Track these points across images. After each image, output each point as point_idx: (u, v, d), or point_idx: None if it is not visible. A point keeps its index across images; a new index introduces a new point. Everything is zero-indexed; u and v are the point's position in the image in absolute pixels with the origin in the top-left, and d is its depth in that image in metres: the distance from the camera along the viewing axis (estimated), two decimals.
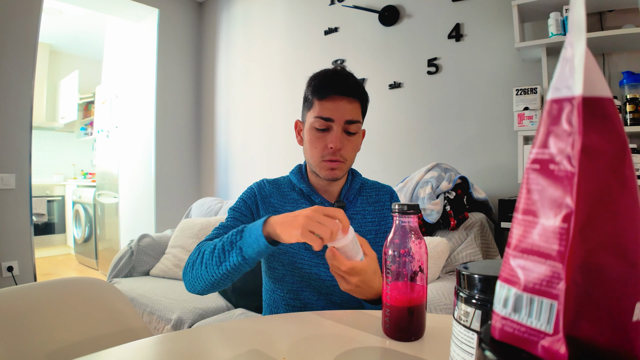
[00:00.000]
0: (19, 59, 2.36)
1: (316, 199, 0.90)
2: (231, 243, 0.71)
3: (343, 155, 0.86)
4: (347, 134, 0.86)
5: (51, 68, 4.90)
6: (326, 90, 0.84)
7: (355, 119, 0.85)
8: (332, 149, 0.84)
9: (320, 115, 0.84)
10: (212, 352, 0.56)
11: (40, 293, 0.72)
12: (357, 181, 0.96)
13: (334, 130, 0.84)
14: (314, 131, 0.86)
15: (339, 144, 0.83)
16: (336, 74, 0.86)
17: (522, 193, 0.22)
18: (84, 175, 5.17)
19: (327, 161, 0.86)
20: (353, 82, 0.86)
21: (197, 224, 2.20)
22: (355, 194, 0.94)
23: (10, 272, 2.34)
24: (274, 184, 0.95)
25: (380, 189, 0.98)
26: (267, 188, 0.93)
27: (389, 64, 2.27)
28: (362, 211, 0.92)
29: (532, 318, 0.21)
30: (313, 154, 0.87)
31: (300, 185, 0.92)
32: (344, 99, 0.84)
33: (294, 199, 0.92)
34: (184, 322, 1.54)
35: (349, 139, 0.86)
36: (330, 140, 0.84)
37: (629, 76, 1.50)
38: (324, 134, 0.85)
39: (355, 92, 0.85)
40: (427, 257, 0.60)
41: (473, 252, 1.53)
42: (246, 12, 3.08)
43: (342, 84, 0.84)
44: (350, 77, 0.86)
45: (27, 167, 2.42)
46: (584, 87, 0.20)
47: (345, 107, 0.84)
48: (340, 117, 0.84)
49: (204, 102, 3.43)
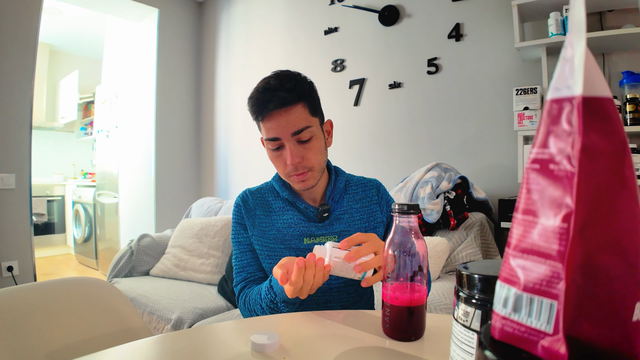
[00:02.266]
0: (19, 58, 2.36)
1: (300, 205, 0.89)
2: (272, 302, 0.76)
3: (306, 166, 0.83)
4: (301, 143, 0.82)
5: (51, 68, 4.89)
6: (261, 111, 0.80)
7: (302, 126, 0.80)
8: (292, 165, 0.82)
9: (267, 137, 0.82)
10: (212, 352, 0.56)
11: (40, 293, 0.72)
12: (341, 180, 0.93)
13: (287, 147, 0.81)
14: (270, 152, 0.85)
15: (295, 159, 0.81)
16: (266, 90, 0.80)
17: (522, 193, 0.22)
18: (84, 175, 5.17)
19: (293, 176, 0.84)
20: (285, 90, 0.79)
21: (197, 223, 2.20)
22: (340, 192, 0.92)
23: (10, 272, 2.34)
24: (257, 194, 0.93)
25: (366, 184, 0.95)
26: (250, 201, 0.92)
27: (389, 64, 2.26)
28: (349, 210, 0.90)
29: (532, 318, 0.21)
30: (279, 171, 0.87)
31: (283, 194, 0.90)
32: (281, 111, 0.79)
33: (279, 207, 0.91)
34: (184, 322, 1.54)
35: (307, 147, 0.83)
36: (286, 158, 0.82)
37: (629, 76, 1.50)
38: (280, 152, 0.83)
39: (290, 99, 0.79)
40: (427, 257, 0.60)
41: (473, 252, 1.53)
42: (246, 12, 3.08)
43: (272, 99, 0.78)
44: (279, 86, 0.79)
45: (27, 167, 2.42)
46: (584, 87, 0.20)
47: (286, 120, 0.79)
48: (285, 132, 0.80)
49: (203, 102, 3.43)
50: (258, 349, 0.54)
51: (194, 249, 2.09)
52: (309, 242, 0.86)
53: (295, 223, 0.88)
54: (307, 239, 0.87)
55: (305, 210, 0.89)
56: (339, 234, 0.87)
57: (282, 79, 0.81)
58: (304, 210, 0.89)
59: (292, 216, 0.89)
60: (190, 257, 2.07)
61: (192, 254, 2.08)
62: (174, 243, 2.17)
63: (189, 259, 2.06)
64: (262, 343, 0.54)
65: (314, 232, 0.87)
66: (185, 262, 2.06)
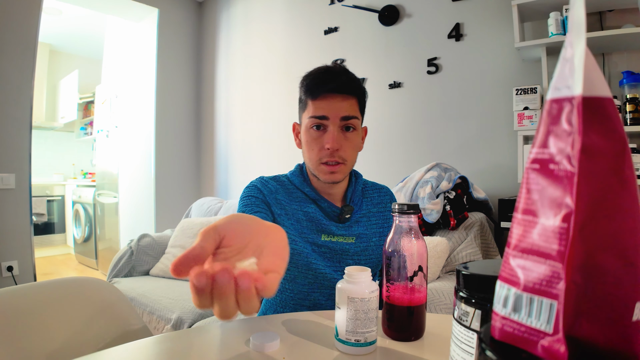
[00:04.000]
0: (19, 58, 2.36)
1: (322, 203, 0.87)
2: None
3: (342, 156, 0.82)
4: (345, 130, 0.82)
5: (51, 68, 4.89)
6: (318, 89, 0.81)
7: (351, 114, 0.82)
8: (330, 150, 0.80)
9: (314, 114, 0.81)
10: (212, 352, 0.55)
11: (40, 293, 0.71)
12: (359, 182, 0.93)
13: (330, 130, 0.81)
14: (309, 132, 0.83)
15: (335, 144, 0.80)
16: (328, 71, 0.82)
17: (522, 193, 0.22)
18: (83, 175, 5.17)
19: (324, 164, 0.82)
20: (347, 78, 0.82)
21: (197, 223, 2.20)
22: (359, 196, 0.92)
23: (10, 272, 2.34)
24: (276, 181, 0.90)
25: (381, 189, 0.96)
26: (271, 184, 0.88)
27: (389, 64, 2.26)
28: (367, 213, 0.90)
29: (532, 318, 0.21)
30: (310, 156, 0.84)
31: (304, 189, 0.88)
32: (338, 96, 0.81)
33: (300, 198, 0.88)
34: (184, 322, 1.54)
35: (347, 138, 0.83)
36: (326, 140, 0.81)
37: (629, 76, 1.50)
38: (320, 135, 0.82)
39: (349, 88, 0.81)
40: (427, 257, 0.60)
41: (473, 251, 1.53)
42: (246, 12, 3.08)
43: (334, 81, 0.80)
44: (343, 73, 0.83)
45: (27, 166, 2.42)
46: (584, 86, 0.20)
47: (339, 104, 0.81)
48: (335, 114, 0.80)
49: (203, 101, 3.43)
50: (258, 349, 0.54)
51: None
52: (327, 239, 0.85)
53: (316, 218, 0.86)
54: (325, 236, 0.85)
55: (328, 209, 0.87)
56: (356, 236, 0.87)
57: (346, 69, 0.84)
58: (326, 208, 0.87)
59: (313, 210, 0.86)
60: None
61: None
62: (174, 243, 2.17)
63: None
64: (262, 343, 0.54)
65: (334, 231, 0.86)
66: None
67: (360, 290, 0.53)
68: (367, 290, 0.53)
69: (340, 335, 0.54)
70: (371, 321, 0.53)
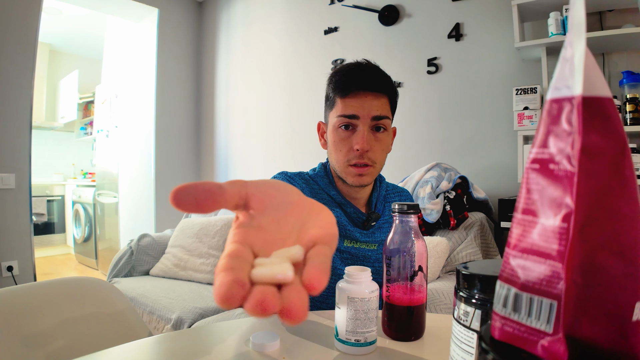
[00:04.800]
0: (19, 58, 2.36)
1: (348, 208, 0.82)
2: None
3: (371, 158, 0.77)
4: (375, 131, 0.78)
5: (51, 68, 4.89)
6: (349, 86, 0.76)
7: (383, 114, 0.77)
8: (359, 151, 0.75)
9: (344, 113, 0.76)
10: (212, 352, 0.55)
11: (40, 293, 0.71)
12: (383, 187, 0.89)
13: (360, 130, 0.76)
14: (338, 132, 0.78)
15: (366, 145, 0.75)
16: (360, 67, 0.78)
17: (521, 193, 0.22)
18: (83, 175, 5.17)
19: (353, 166, 0.77)
20: (379, 75, 0.78)
21: (196, 223, 2.20)
22: (382, 201, 0.88)
23: (10, 271, 2.34)
24: (302, 178, 0.85)
25: (401, 192, 0.92)
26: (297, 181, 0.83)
27: (389, 64, 2.26)
28: (390, 219, 0.86)
29: (532, 318, 0.21)
30: (338, 157, 0.79)
31: (330, 192, 0.83)
32: (370, 94, 0.76)
33: (325, 200, 0.82)
34: (184, 322, 1.54)
35: (378, 139, 0.78)
36: (356, 141, 0.76)
37: (629, 76, 1.50)
38: (348, 135, 0.77)
39: (382, 86, 0.77)
40: (427, 257, 0.60)
41: (473, 251, 1.53)
42: (246, 12, 3.08)
43: (366, 78, 0.76)
44: (375, 70, 0.78)
45: (26, 166, 2.42)
46: (584, 86, 0.20)
47: (371, 102, 0.76)
48: (367, 113, 0.76)
49: (203, 101, 3.43)
50: (258, 348, 0.54)
51: (193, 249, 2.09)
52: (349, 245, 0.82)
53: (341, 223, 0.81)
54: (347, 242, 0.82)
55: (353, 215, 0.83)
56: (379, 243, 0.84)
57: (377, 66, 0.80)
58: (351, 213, 0.83)
59: (339, 214, 0.82)
60: (190, 257, 2.07)
61: (192, 254, 2.08)
62: (173, 243, 2.18)
63: (188, 259, 2.06)
64: (262, 343, 0.54)
65: (357, 238, 0.82)
66: (185, 261, 2.06)
67: (360, 290, 0.53)
68: (367, 290, 0.53)
69: (340, 335, 0.54)
70: (371, 321, 0.53)
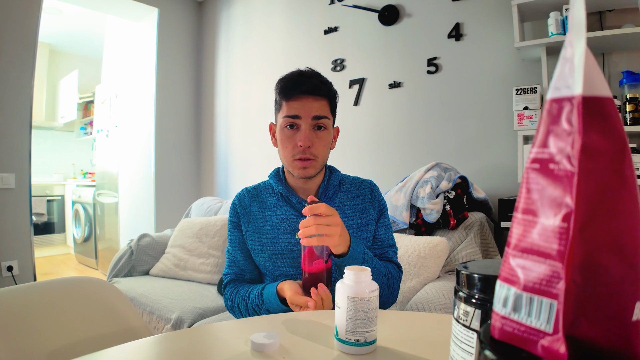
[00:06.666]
0: (19, 58, 2.36)
1: (294, 199, 0.93)
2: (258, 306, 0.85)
3: (313, 153, 0.88)
4: (316, 129, 0.89)
5: (51, 67, 4.89)
6: (291, 90, 0.87)
7: (323, 114, 0.88)
8: (302, 147, 0.87)
9: (288, 114, 0.87)
10: (212, 352, 0.56)
11: (40, 293, 0.71)
12: (335, 178, 0.98)
13: (303, 128, 0.87)
14: (284, 131, 0.89)
15: (307, 142, 0.86)
16: (301, 74, 0.89)
17: (521, 192, 0.22)
18: (83, 175, 5.17)
19: (298, 160, 0.88)
20: (318, 81, 0.89)
21: (196, 223, 2.20)
22: (334, 190, 0.97)
23: (10, 271, 2.34)
24: (253, 192, 0.99)
25: (361, 183, 1.01)
26: (247, 199, 0.97)
27: (389, 64, 2.26)
28: (341, 206, 0.95)
29: (532, 317, 0.21)
30: (285, 153, 0.90)
31: (278, 188, 0.95)
32: (310, 97, 0.87)
33: (273, 203, 0.95)
34: (184, 322, 1.54)
35: (319, 136, 0.89)
36: (299, 138, 0.87)
37: (629, 76, 1.50)
38: (293, 133, 0.88)
39: (320, 90, 0.88)
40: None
41: (473, 251, 1.53)
42: (246, 12, 3.08)
43: (306, 84, 0.87)
44: (315, 76, 0.89)
45: (26, 166, 2.42)
46: (584, 86, 0.20)
47: (311, 104, 0.87)
48: (307, 113, 0.87)
49: (203, 101, 3.43)
50: (258, 348, 0.54)
51: (193, 249, 2.09)
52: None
53: (288, 218, 0.92)
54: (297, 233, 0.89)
55: (298, 205, 0.93)
56: None
57: (317, 73, 0.92)
58: (296, 204, 0.93)
59: (284, 212, 0.93)
60: (190, 257, 2.07)
61: (191, 254, 2.08)
62: (173, 243, 2.17)
63: (188, 259, 2.06)
64: (262, 343, 0.54)
65: None
66: (185, 261, 2.06)
67: (360, 290, 0.53)
68: (367, 290, 0.53)
69: (340, 335, 0.54)
70: (371, 321, 0.53)
